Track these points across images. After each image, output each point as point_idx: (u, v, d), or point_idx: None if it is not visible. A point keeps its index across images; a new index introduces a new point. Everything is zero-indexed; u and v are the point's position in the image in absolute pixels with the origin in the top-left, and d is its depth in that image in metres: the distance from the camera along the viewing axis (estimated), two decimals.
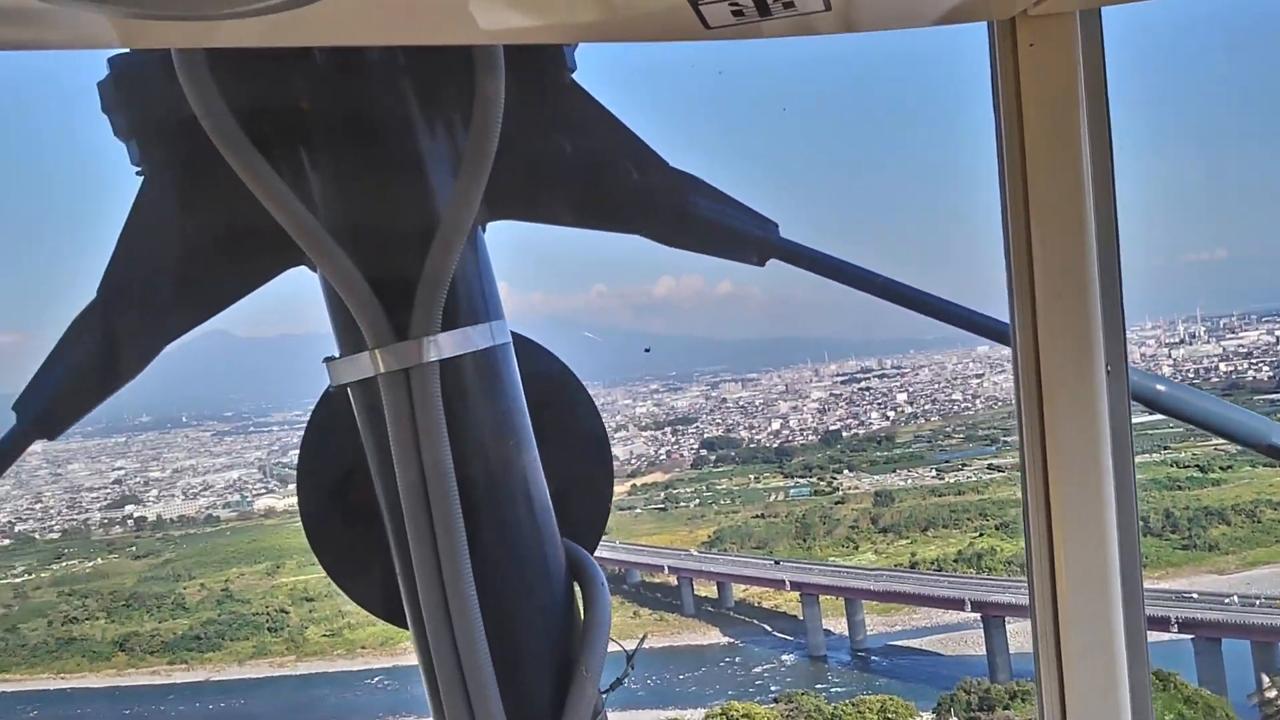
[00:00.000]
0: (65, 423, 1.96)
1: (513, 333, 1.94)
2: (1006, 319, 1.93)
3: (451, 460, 1.76)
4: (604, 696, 1.97)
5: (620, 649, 2.02)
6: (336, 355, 1.87)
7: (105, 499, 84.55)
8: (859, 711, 51.51)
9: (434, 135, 1.84)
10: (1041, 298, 1.86)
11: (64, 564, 74.23)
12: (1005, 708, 50.47)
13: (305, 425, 2.07)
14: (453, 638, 1.80)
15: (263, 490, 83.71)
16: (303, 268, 1.90)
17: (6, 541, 73.07)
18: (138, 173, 1.91)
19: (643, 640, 2.18)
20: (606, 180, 2.07)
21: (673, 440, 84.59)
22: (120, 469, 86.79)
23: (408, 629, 1.95)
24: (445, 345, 1.77)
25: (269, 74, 1.76)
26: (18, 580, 70.34)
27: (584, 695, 1.89)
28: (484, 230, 1.94)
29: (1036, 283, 1.86)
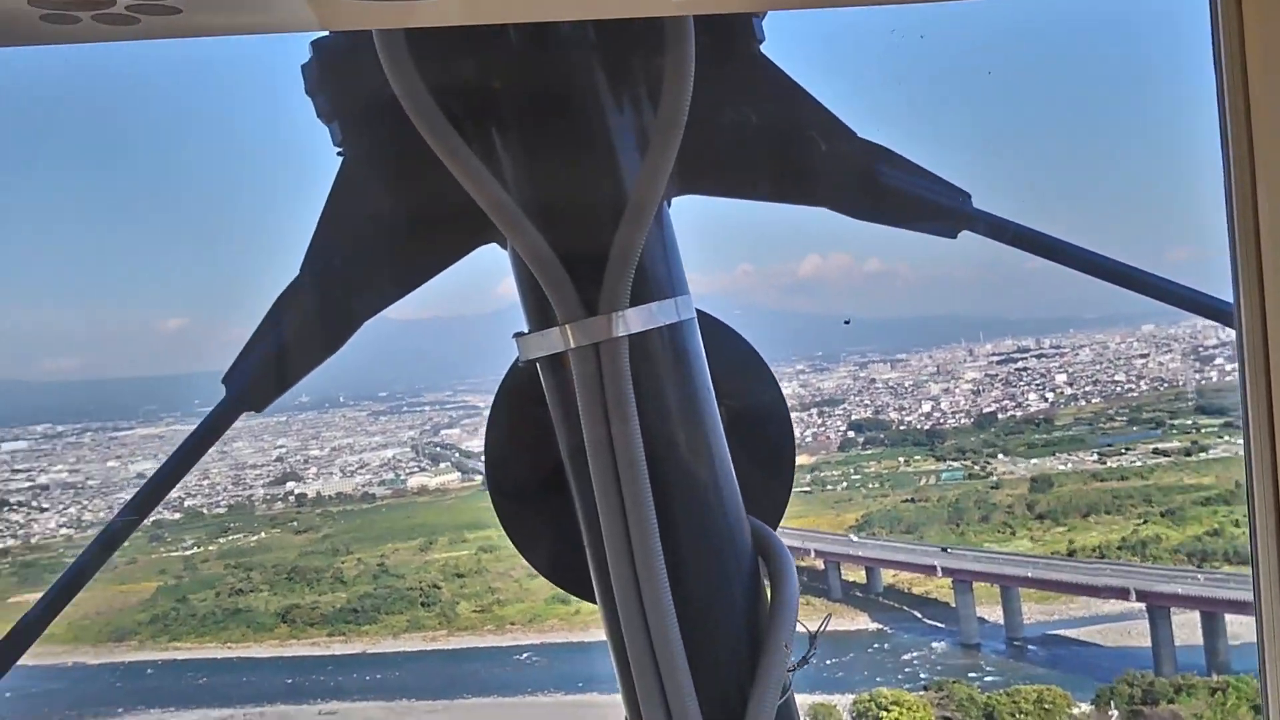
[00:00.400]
0: (271, 395, 2.05)
1: (697, 309, 1.92)
2: (1229, 297, 1.81)
3: (641, 435, 1.76)
4: (790, 675, 1.95)
5: (804, 628, 2.00)
6: (525, 330, 1.89)
7: (268, 476, 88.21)
8: (1014, 701, 50.55)
9: (622, 110, 1.84)
10: (1270, 272, 1.70)
11: (230, 538, 77.66)
12: (1170, 702, 49.01)
13: (492, 399, 2.10)
14: (643, 612, 1.78)
15: (416, 469, 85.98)
16: (493, 245, 1.94)
17: (177, 516, 77.02)
18: (338, 153, 1.97)
19: (826, 621, 2.15)
20: (793, 153, 2.05)
21: (819, 422, 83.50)
22: (281, 447, 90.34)
23: (595, 603, 1.95)
24: (633, 320, 1.78)
25: (464, 52, 1.78)
26: (187, 553, 74.04)
27: (774, 672, 1.88)
28: (669, 205, 1.90)
29: (1264, 256, 1.70)
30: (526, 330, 1.91)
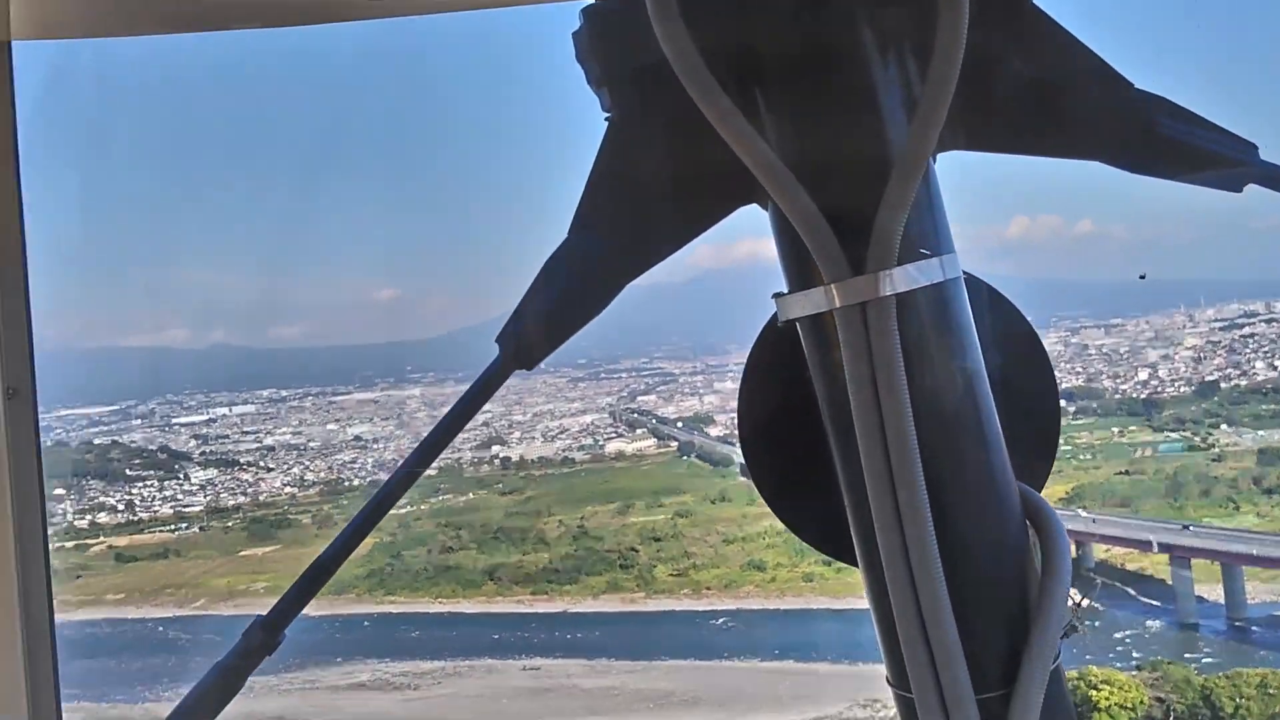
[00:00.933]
0: (540, 354, 2.14)
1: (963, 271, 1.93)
2: None
3: (909, 396, 1.74)
4: (1060, 644, 1.90)
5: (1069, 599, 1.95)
6: (785, 291, 1.90)
7: (475, 440, 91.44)
8: (1234, 685, 48.10)
9: (888, 66, 1.82)
10: None
11: (440, 498, 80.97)
12: None
13: (745, 360, 2.12)
14: (912, 579, 1.77)
15: (613, 434, 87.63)
16: (753, 206, 1.95)
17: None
18: (606, 118, 2.01)
19: (1094, 590, 1.79)
20: (1066, 105, 1.99)
21: None
22: (487, 412, 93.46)
23: (855, 565, 1.96)
24: (900, 280, 1.75)
25: (732, 13, 1.80)
26: (402, 512, 77.47)
27: (1048, 640, 1.84)
28: (934, 161, 1.91)
29: None
30: (786, 290, 1.91)
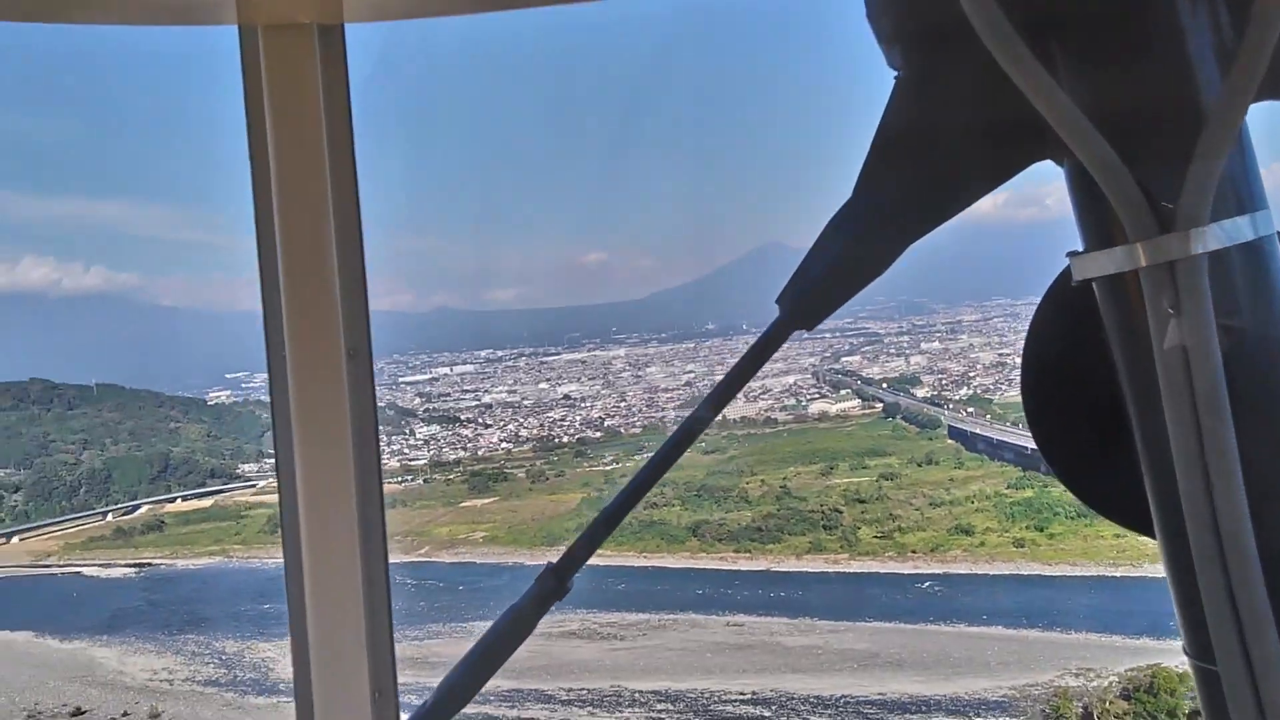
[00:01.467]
0: (820, 315, 2.09)
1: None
2: None
3: (1221, 360, 1.63)
4: None
5: None
6: (1080, 249, 1.83)
7: (677, 399, 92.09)
8: None
9: (1194, 9, 1.72)
10: None
11: (644, 455, 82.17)
12: None
13: (1030, 319, 2.06)
14: (1220, 551, 1.67)
15: (816, 395, 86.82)
16: (1047, 162, 1.89)
17: (598, 434, 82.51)
18: (895, 76, 1.97)
19: None
20: None
21: None
22: (690, 372, 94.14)
23: (1148, 535, 1.89)
24: (1212, 237, 1.64)
25: None
26: (608, 468, 79.14)
27: None
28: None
29: None
30: (1081, 249, 1.83)
